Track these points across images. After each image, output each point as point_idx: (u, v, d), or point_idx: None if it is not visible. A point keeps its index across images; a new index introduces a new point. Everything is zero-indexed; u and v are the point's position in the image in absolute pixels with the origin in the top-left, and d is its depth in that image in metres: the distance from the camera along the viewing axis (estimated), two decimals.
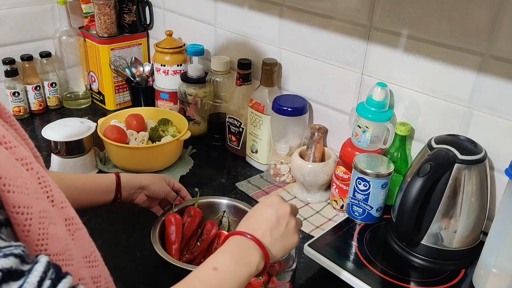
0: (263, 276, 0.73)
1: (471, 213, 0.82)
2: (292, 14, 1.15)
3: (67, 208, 0.52)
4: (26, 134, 0.57)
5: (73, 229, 0.52)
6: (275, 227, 0.66)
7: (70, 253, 0.49)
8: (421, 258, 0.85)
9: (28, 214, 0.44)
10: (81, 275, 0.50)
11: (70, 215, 0.52)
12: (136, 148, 1.18)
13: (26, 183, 0.45)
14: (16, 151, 0.47)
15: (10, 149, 0.46)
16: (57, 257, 0.47)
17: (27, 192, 0.44)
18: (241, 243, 0.63)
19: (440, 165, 0.79)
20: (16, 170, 0.44)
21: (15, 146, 0.47)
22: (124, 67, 1.48)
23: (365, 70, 1.04)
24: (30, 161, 0.48)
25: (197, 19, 1.43)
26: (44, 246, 0.45)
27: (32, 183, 0.46)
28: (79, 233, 0.53)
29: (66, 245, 0.49)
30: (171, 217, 0.90)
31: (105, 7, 1.44)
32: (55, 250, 0.46)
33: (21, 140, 0.53)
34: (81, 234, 0.54)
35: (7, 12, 1.44)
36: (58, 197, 0.51)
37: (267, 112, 1.16)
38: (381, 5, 0.96)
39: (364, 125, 0.98)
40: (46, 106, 1.53)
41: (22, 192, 0.43)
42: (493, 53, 0.83)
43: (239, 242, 0.63)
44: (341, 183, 1.03)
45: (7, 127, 0.51)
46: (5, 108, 0.54)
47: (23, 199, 0.43)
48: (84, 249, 0.54)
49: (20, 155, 0.47)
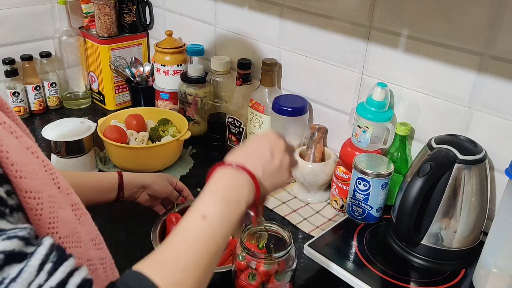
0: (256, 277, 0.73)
1: (471, 213, 0.82)
2: (292, 14, 1.15)
3: (72, 194, 0.54)
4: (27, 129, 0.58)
5: (79, 214, 0.53)
6: (269, 162, 0.63)
7: (79, 236, 0.50)
8: (421, 258, 0.85)
9: (40, 199, 0.45)
10: (90, 256, 0.52)
11: (75, 200, 0.54)
12: (136, 148, 1.18)
13: (35, 169, 0.46)
14: (22, 141, 0.48)
15: (17, 138, 0.47)
16: (67, 239, 0.48)
17: (36, 177, 0.46)
18: (230, 179, 0.60)
19: (440, 165, 0.79)
20: (25, 157, 0.46)
21: (21, 136, 0.48)
22: (124, 67, 1.48)
23: (365, 70, 1.05)
24: (35, 150, 0.50)
25: (197, 19, 1.43)
26: (56, 229, 0.47)
27: (40, 169, 0.48)
28: (85, 218, 0.55)
29: (74, 228, 0.50)
30: (172, 217, 0.90)
31: (105, 7, 1.44)
32: (65, 232, 0.48)
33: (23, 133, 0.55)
34: (86, 219, 0.55)
35: (7, 12, 1.44)
36: (63, 183, 0.52)
37: (267, 112, 1.16)
38: (381, 5, 0.96)
39: (364, 125, 0.98)
40: (46, 106, 1.53)
41: (32, 178, 0.45)
42: (492, 53, 0.83)
43: (228, 178, 0.60)
44: (341, 183, 1.03)
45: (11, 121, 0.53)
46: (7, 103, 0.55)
47: (34, 185, 0.45)
48: (90, 232, 0.55)
49: (26, 144, 0.48)
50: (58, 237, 0.47)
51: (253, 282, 0.73)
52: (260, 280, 0.73)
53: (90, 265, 0.52)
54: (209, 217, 0.55)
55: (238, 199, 0.58)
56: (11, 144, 0.44)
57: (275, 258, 0.72)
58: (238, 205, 0.58)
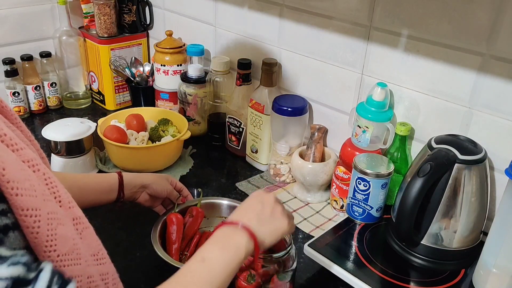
0: (255, 279, 0.73)
1: (471, 213, 0.82)
2: (292, 14, 1.15)
3: (74, 208, 0.53)
4: (32, 136, 0.58)
5: (80, 228, 0.53)
6: (261, 211, 0.68)
7: (78, 252, 0.50)
8: (421, 258, 0.85)
9: (37, 216, 0.44)
10: (90, 273, 0.51)
11: (77, 214, 0.53)
12: (136, 148, 1.18)
13: (33, 185, 0.45)
14: (23, 153, 0.47)
15: (17, 151, 0.46)
16: (66, 256, 0.47)
17: (35, 194, 0.45)
18: (225, 231, 0.65)
19: (440, 165, 0.79)
20: (23, 173, 0.45)
21: (22, 148, 0.47)
22: (124, 67, 1.48)
23: (365, 70, 1.05)
24: (36, 162, 0.49)
25: (197, 19, 1.43)
26: (53, 247, 0.46)
27: (40, 185, 0.47)
28: (87, 232, 0.54)
29: (74, 244, 0.50)
30: (173, 217, 0.90)
31: (105, 7, 1.44)
32: (63, 250, 0.47)
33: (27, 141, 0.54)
34: (88, 233, 0.55)
35: (7, 12, 1.44)
36: (65, 197, 0.51)
37: (267, 112, 1.16)
38: (381, 5, 0.96)
39: (364, 125, 0.98)
40: (46, 106, 1.53)
41: (30, 195, 0.44)
42: (493, 53, 0.83)
43: (224, 231, 0.65)
44: (341, 183, 1.03)
45: (14, 129, 0.52)
46: (12, 109, 0.55)
47: (31, 202, 0.44)
48: (92, 247, 0.54)
49: (27, 157, 0.47)
50: (56, 255, 0.46)
51: (252, 283, 0.73)
52: (259, 281, 0.73)
53: (90, 282, 0.51)
54: (207, 259, 0.60)
55: (235, 245, 0.63)
56: (8, 160, 0.43)
57: (275, 258, 0.72)
58: (236, 250, 0.62)
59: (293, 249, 0.75)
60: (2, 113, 0.53)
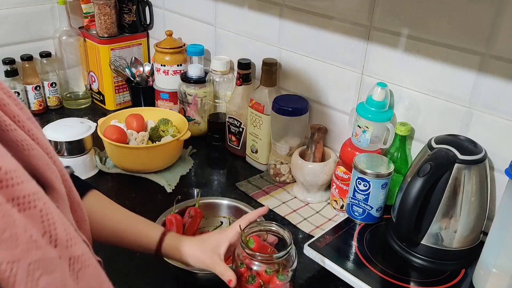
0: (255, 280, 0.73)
1: (471, 213, 0.82)
2: (292, 14, 1.15)
3: (73, 246, 0.46)
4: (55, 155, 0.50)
5: (77, 268, 0.46)
6: None
7: None
8: (421, 258, 0.85)
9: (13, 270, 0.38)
10: None
11: (77, 253, 0.46)
12: (136, 148, 1.18)
13: (16, 233, 0.39)
14: (18, 189, 0.40)
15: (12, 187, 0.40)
16: None
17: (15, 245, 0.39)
18: None
19: (440, 165, 0.79)
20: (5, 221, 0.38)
21: (19, 183, 0.40)
22: (124, 67, 1.48)
23: (365, 70, 1.04)
24: (35, 197, 0.42)
25: (197, 19, 1.43)
26: None
27: (28, 229, 0.40)
28: (85, 272, 0.48)
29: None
30: (172, 218, 0.90)
31: (105, 7, 1.44)
32: None
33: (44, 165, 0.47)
34: (87, 273, 0.48)
35: (7, 12, 1.44)
36: (63, 235, 0.44)
37: (267, 112, 1.16)
38: (381, 5, 0.96)
39: (364, 125, 0.98)
40: (46, 106, 1.53)
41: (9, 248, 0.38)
42: (493, 53, 0.83)
43: None
44: (341, 183, 1.03)
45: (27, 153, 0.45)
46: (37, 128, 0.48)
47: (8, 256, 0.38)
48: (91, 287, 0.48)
49: (23, 193, 0.41)
50: None
51: (253, 283, 0.73)
52: (260, 281, 0.73)
53: None
54: None
55: None
56: None
57: (275, 258, 0.72)
58: None
59: (293, 249, 0.74)
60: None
